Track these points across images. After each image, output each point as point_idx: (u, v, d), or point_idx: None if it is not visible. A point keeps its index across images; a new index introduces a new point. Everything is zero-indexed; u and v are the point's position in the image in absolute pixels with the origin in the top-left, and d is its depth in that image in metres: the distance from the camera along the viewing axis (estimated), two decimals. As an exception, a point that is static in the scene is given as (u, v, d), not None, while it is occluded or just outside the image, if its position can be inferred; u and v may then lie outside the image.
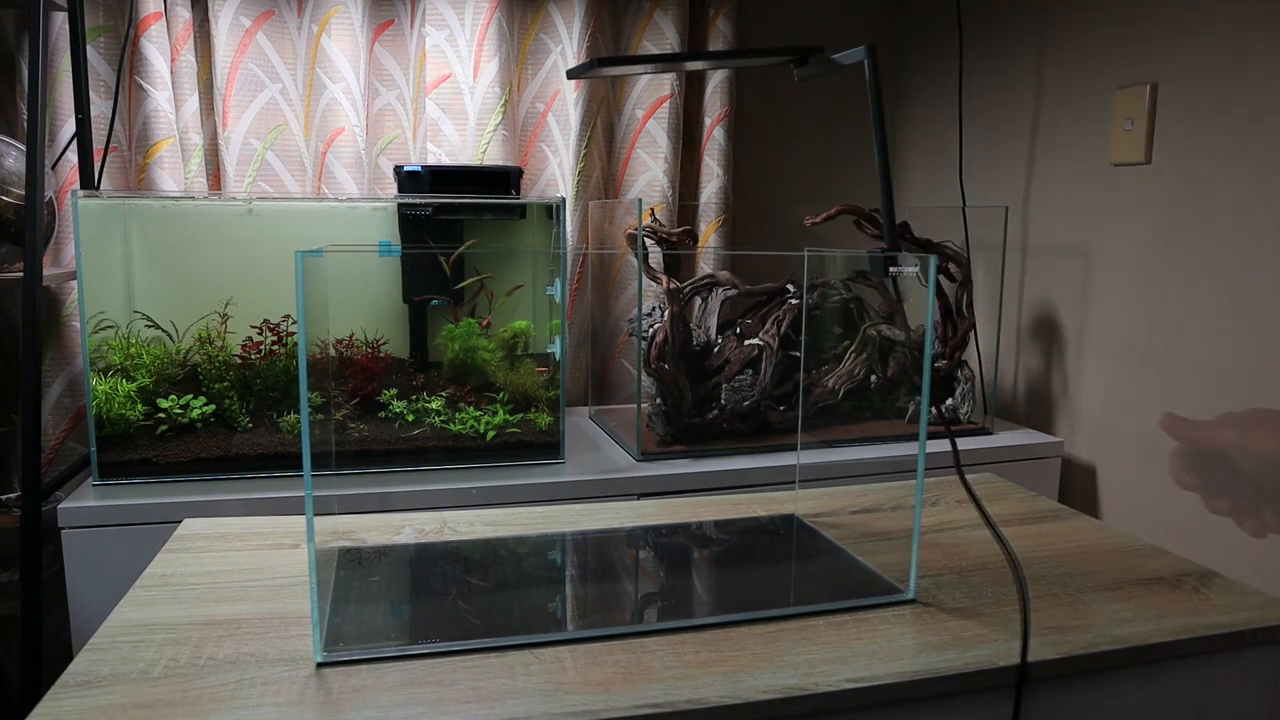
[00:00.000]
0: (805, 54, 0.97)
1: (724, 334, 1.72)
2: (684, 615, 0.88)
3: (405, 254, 1.65)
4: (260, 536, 1.06)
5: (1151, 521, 1.59)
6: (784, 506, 1.20)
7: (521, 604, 0.91)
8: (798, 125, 2.16)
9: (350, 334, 1.57)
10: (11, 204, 1.40)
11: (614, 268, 2.00)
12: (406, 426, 1.50)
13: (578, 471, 1.50)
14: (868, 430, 1.74)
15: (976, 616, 0.88)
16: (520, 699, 0.71)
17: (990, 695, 0.80)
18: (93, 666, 0.75)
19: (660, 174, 1.96)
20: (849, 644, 0.82)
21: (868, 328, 1.77)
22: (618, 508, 1.20)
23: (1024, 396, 1.90)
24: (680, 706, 0.71)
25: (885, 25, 2.20)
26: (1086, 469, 1.73)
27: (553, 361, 1.59)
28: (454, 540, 1.07)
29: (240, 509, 1.32)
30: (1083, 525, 1.15)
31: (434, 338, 1.65)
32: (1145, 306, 1.59)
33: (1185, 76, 1.50)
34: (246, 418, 1.49)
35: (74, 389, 1.63)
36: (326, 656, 0.77)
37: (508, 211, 1.65)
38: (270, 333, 1.51)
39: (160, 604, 0.87)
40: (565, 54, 1.90)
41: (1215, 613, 0.89)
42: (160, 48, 1.63)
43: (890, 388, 1.80)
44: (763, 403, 1.66)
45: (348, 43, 1.75)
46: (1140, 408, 1.61)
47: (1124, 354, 1.64)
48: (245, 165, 1.76)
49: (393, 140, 1.85)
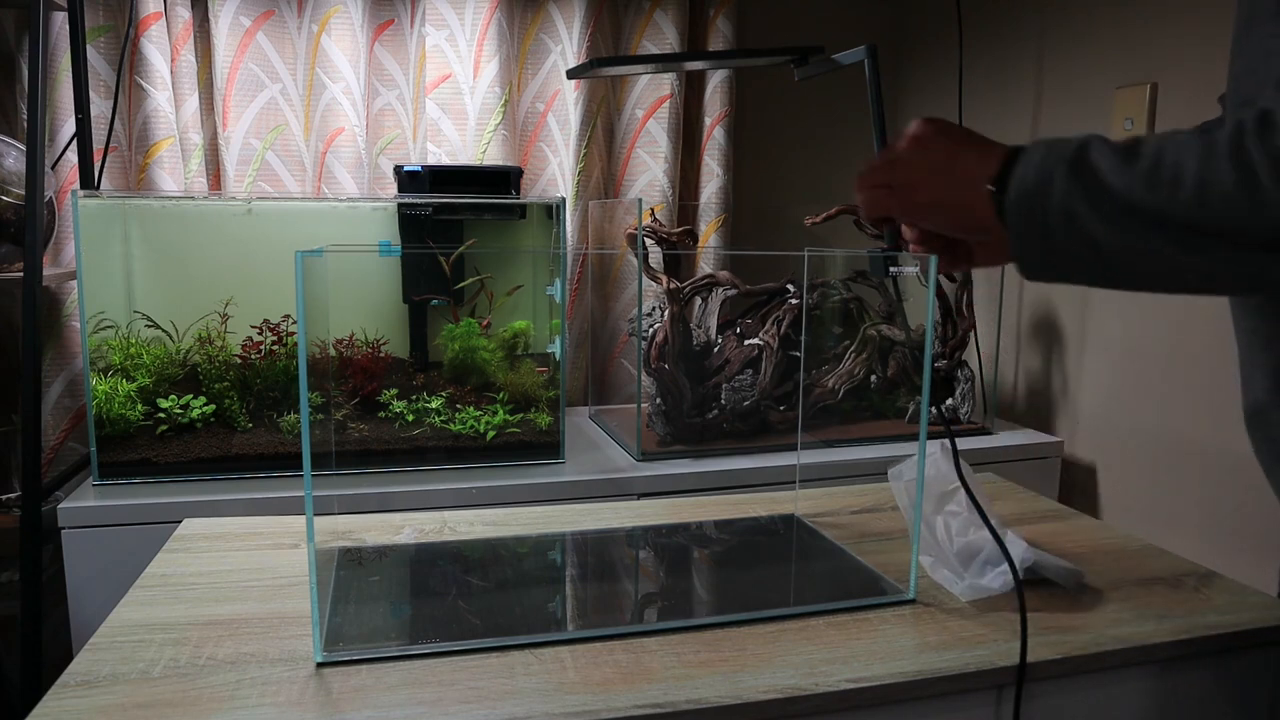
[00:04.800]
0: (805, 54, 0.97)
1: (724, 334, 1.72)
2: (684, 615, 0.88)
3: (405, 254, 1.65)
4: (260, 536, 1.06)
5: (1151, 521, 1.59)
6: (784, 506, 1.20)
7: (521, 604, 0.91)
8: (798, 125, 2.16)
9: (350, 334, 1.57)
10: (11, 204, 1.40)
11: (614, 268, 2.00)
12: (406, 426, 1.50)
13: (578, 471, 1.50)
14: (868, 430, 1.74)
15: (976, 616, 0.88)
16: (520, 699, 0.71)
17: (990, 695, 0.80)
18: (93, 666, 0.75)
19: (660, 174, 1.96)
20: (849, 644, 0.82)
21: (868, 328, 1.77)
22: (618, 508, 1.20)
23: (1024, 396, 1.90)
24: (680, 706, 0.71)
25: (885, 25, 2.20)
26: (1086, 469, 1.73)
27: (553, 361, 1.59)
28: (454, 540, 1.07)
29: (240, 509, 1.32)
30: (1083, 525, 1.15)
31: (434, 338, 1.65)
32: (1145, 306, 1.59)
33: (1185, 76, 1.50)
34: (246, 418, 1.49)
35: (74, 389, 1.63)
36: (326, 656, 0.77)
37: (508, 211, 1.65)
38: (270, 333, 1.51)
39: (160, 604, 0.87)
40: (565, 54, 1.90)
41: (1215, 613, 0.89)
42: (160, 48, 1.63)
43: (890, 388, 1.80)
44: (763, 403, 1.66)
45: (348, 43, 1.75)
46: (1140, 408, 1.61)
47: (1124, 354, 1.64)
48: (245, 165, 1.76)
49: (393, 140, 1.85)
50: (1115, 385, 1.66)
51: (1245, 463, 0.75)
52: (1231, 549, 1.44)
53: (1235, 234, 0.58)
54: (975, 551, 0.95)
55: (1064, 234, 0.64)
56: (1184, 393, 1.52)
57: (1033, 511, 1.21)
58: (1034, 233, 0.65)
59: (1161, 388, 1.56)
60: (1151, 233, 0.61)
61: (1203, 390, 1.49)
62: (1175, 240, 0.60)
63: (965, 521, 0.97)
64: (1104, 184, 0.62)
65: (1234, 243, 0.59)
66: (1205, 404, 1.48)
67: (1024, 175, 0.66)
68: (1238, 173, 0.57)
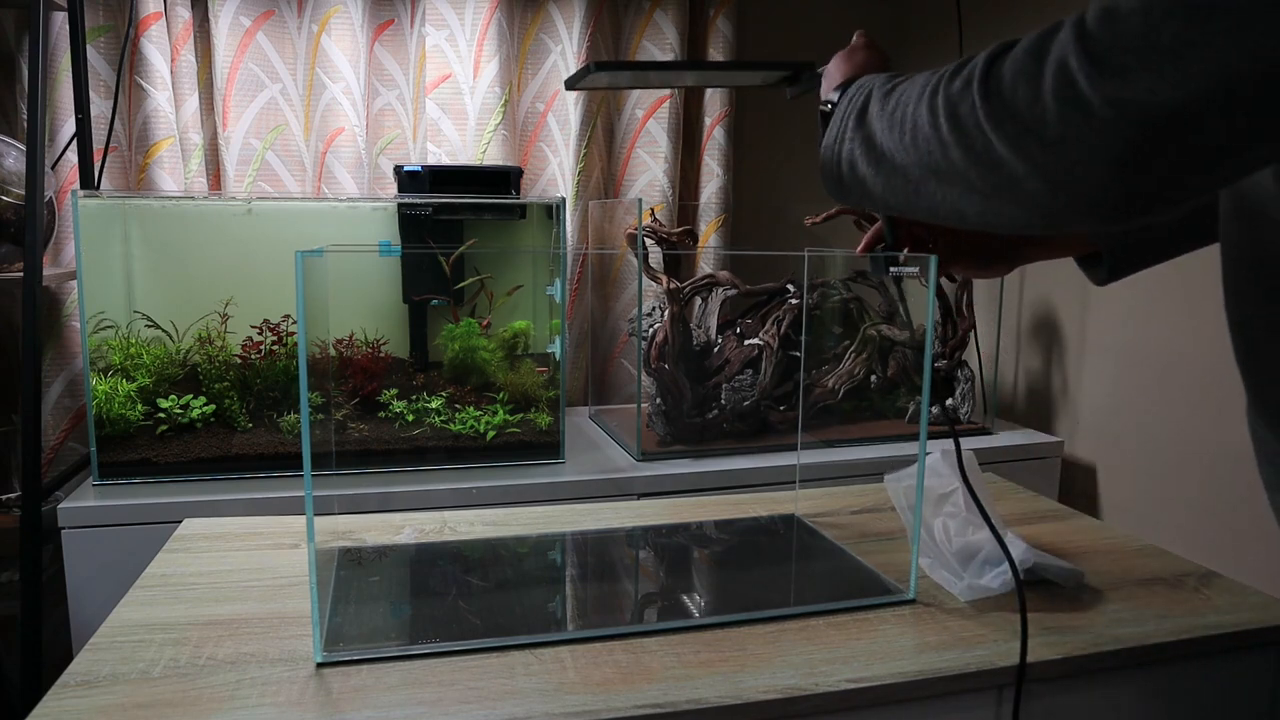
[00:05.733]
0: (799, 70, 0.97)
1: (724, 334, 1.72)
2: (684, 615, 0.88)
3: (405, 254, 1.65)
4: (260, 536, 1.06)
5: (1151, 521, 1.59)
6: (784, 506, 1.20)
7: (521, 604, 0.91)
8: (798, 125, 2.16)
9: (350, 334, 1.57)
10: (11, 204, 1.40)
11: (614, 268, 2.00)
12: (406, 426, 1.50)
13: (578, 471, 1.50)
14: (868, 430, 1.74)
15: (976, 617, 0.88)
16: (520, 699, 0.71)
17: (990, 695, 0.80)
18: (93, 666, 0.75)
19: (660, 174, 1.96)
20: (849, 644, 0.82)
21: (868, 328, 1.77)
22: (618, 508, 1.20)
23: (1024, 396, 1.90)
24: (680, 706, 0.71)
25: (885, 25, 2.20)
26: (1086, 469, 1.73)
27: (553, 361, 1.59)
28: (454, 540, 1.07)
29: (240, 509, 1.32)
30: (1083, 525, 1.15)
31: (434, 338, 1.65)
32: (1145, 307, 1.59)
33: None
34: (246, 418, 1.49)
35: (74, 389, 1.63)
36: (326, 656, 0.77)
37: (508, 211, 1.65)
38: (270, 333, 1.51)
39: (160, 604, 0.87)
40: (565, 54, 1.90)
41: (1215, 613, 0.89)
42: (160, 48, 1.63)
43: (890, 388, 1.80)
44: (763, 403, 1.66)
45: (348, 43, 1.75)
46: (1140, 408, 1.61)
47: (1124, 354, 1.64)
48: (245, 165, 1.76)
49: (393, 140, 1.85)
50: (1115, 385, 1.66)
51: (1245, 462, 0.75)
52: (1231, 549, 1.44)
53: (943, 174, 0.58)
54: (974, 551, 0.95)
55: (850, 177, 0.67)
56: (1184, 393, 1.52)
57: (1033, 511, 1.21)
58: (831, 172, 0.69)
59: (1161, 388, 1.56)
60: (896, 174, 0.62)
61: (1203, 390, 1.49)
62: (914, 180, 0.60)
63: (964, 521, 0.97)
64: (871, 131, 0.64)
65: (947, 182, 0.58)
66: (1205, 404, 1.48)
67: (833, 123, 0.70)
68: (929, 116, 0.57)
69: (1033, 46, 0.52)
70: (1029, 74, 0.51)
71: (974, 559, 0.94)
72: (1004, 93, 0.52)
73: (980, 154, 0.54)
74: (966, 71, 0.56)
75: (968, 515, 0.96)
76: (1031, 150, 0.51)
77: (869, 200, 0.67)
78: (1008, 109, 0.52)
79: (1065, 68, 0.49)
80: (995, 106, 0.53)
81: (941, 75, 0.58)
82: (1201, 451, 1.49)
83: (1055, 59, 0.50)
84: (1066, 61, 0.49)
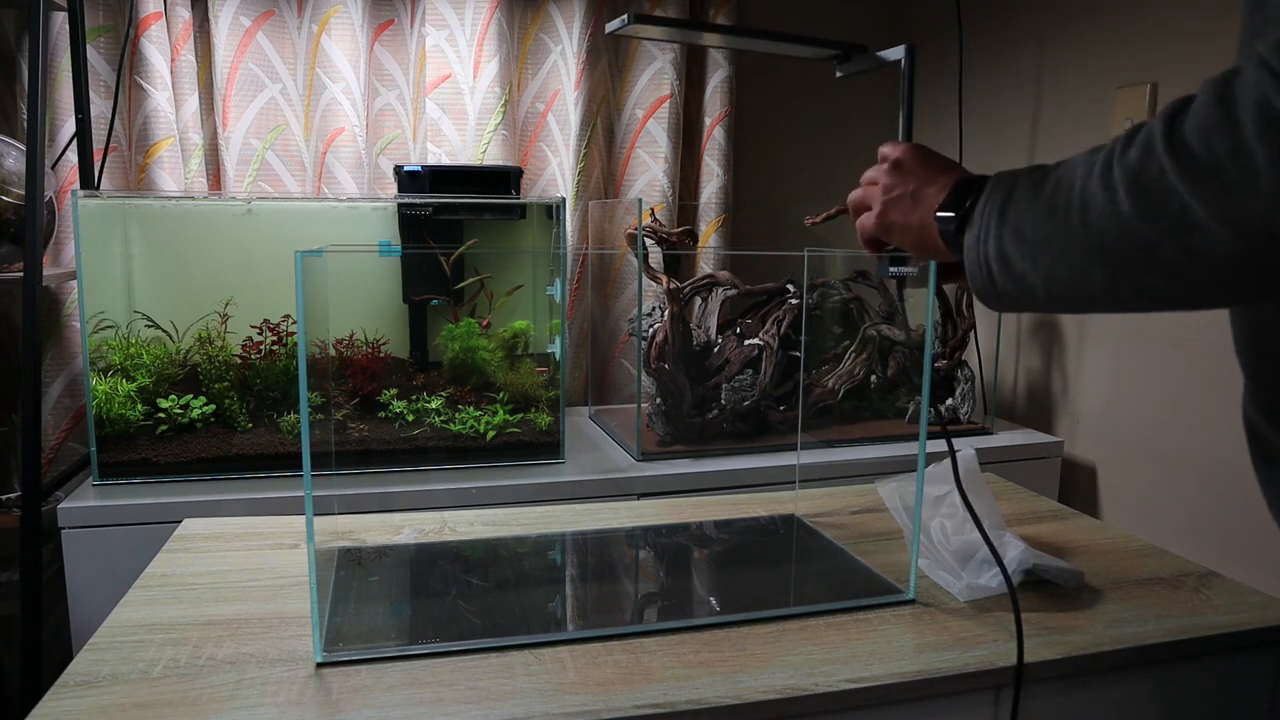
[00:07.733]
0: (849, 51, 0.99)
1: (724, 334, 1.72)
2: (684, 615, 0.88)
3: (405, 254, 1.65)
4: (260, 536, 1.06)
5: (1151, 521, 1.59)
6: (784, 506, 1.20)
7: (521, 604, 0.91)
8: (798, 125, 2.16)
9: (350, 334, 1.57)
10: (11, 204, 1.40)
11: (614, 268, 2.00)
12: (406, 426, 1.50)
13: (578, 471, 1.50)
14: (868, 430, 1.74)
15: (975, 617, 0.88)
16: (520, 699, 0.72)
17: (989, 695, 0.80)
18: (93, 666, 0.75)
19: (660, 174, 1.96)
20: (849, 644, 0.82)
21: (868, 328, 1.77)
22: (617, 508, 1.20)
23: (1024, 396, 1.90)
24: (680, 706, 0.71)
25: (886, 25, 2.20)
26: (1086, 469, 1.73)
27: (553, 361, 1.59)
28: (454, 540, 1.07)
29: (240, 509, 1.32)
30: (1083, 525, 1.15)
31: (434, 338, 1.65)
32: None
33: (1185, 76, 1.50)
34: (246, 418, 1.49)
35: (74, 389, 1.63)
36: (326, 656, 0.77)
37: (508, 211, 1.65)
38: (270, 333, 1.51)
39: (160, 604, 0.87)
40: (565, 54, 1.90)
41: (1215, 613, 0.89)
42: (160, 48, 1.63)
43: (890, 388, 1.80)
44: (763, 403, 1.66)
45: (348, 43, 1.75)
46: (1140, 408, 1.61)
47: (1124, 354, 1.64)
48: (245, 165, 1.76)
49: (393, 140, 1.85)
50: (1115, 385, 1.66)
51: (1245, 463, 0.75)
52: (1231, 549, 1.44)
53: (1120, 252, 0.55)
54: (972, 551, 0.95)
55: (1003, 278, 0.64)
56: (1184, 393, 1.52)
57: (1033, 511, 1.21)
58: (980, 278, 0.66)
59: (1161, 388, 1.56)
60: (1059, 262, 0.59)
61: (1203, 390, 1.49)
62: (1081, 265, 0.58)
63: (962, 521, 0.97)
64: (1021, 222, 0.62)
65: (1127, 260, 0.55)
66: (1205, 404, 1.48)
67: (972, 228, 0.67)
68: (1104, 191, 0.55)
69: (1214, 99, 0.49)
70: (1225, 126, 0.48)
71: (972, 559, 0.94)
72: (1197, 151, 0.49)
73: (1174, 220, 0.51)
74: (1142, 140, 0.53)
75: (966, 514, 0.96)
76: (1244, 203, 0.48)
77: (1030, 297, 0.63)
78: (1208, 166, 0.49)
79: (1269, 107, 0.47)
80: (1190, 166, 0.50)
81: (1110, 150, 0.56)
82: (1201, 452, 1.49)
83: (1252, 102, 0.47)
84: (1269, 101, 0.47)
